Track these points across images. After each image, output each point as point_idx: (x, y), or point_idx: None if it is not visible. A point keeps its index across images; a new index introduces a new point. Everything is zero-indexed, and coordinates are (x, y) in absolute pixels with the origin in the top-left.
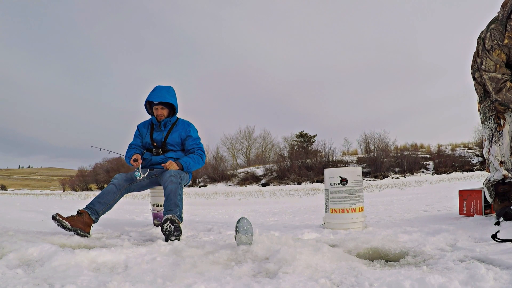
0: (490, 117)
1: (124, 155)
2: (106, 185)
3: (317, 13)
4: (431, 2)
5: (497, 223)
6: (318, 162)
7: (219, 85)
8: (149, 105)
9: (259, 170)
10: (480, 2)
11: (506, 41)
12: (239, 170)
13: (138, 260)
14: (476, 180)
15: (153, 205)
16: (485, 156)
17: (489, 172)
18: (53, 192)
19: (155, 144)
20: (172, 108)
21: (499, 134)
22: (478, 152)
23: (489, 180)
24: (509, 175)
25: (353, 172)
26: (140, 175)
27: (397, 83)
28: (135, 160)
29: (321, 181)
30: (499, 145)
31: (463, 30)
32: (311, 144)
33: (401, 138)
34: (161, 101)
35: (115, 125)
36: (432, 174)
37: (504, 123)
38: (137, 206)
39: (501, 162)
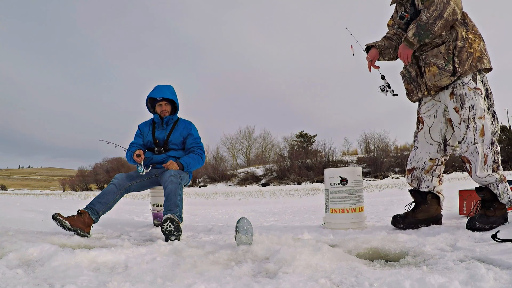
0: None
1: (127, 149)
2: (106, 185)
3: (317, 13)
4: None
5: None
6: (318, 162)
7: (219, 85)
8: (151, 104)
9: (259, 170)
10: (479, 3)
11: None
12: (239, 170)
13: (138, 260)
14: None
15: (153, 205)
16: None
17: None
18: (53, 192)
19: (157, 141)
20: (174, 107)
21: (415, 138)
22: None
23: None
24: (414, 185)
25: (353, 172)
26: (143, 170)
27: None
28: (138, 156)
29: (321, 181)
30: (414, 149)
31: None
32: (311, 144)
33: (401, 138)
34: (164, 98)
35: (116, 126)
36: None
37: (421, 127)
38: (137, 206)
39: (409, 170)
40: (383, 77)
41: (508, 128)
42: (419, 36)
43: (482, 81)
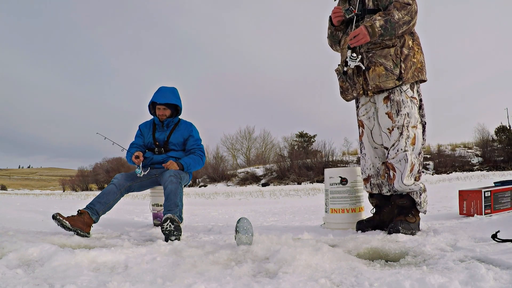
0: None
1: (127, 149)
2: (106, 185)
3: (317, 13)
4: (428, 3)
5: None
6: (318, 162)
7: (219, 85)
8: (152, 105)
9: (259, 170)
10: (479, 3)
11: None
12: (239, 170)
13: (138, 260)
14: (476, 180)
15: (153, 205)
16: None
17: None
18: (53, 192)
19: (157, 143)
20: (175, 109)
21: (361, 144)
22: (478, 152)
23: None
24: (375, 192)
25: (353, 172)
26: (141, 172)
27: None
28: (137, 157)
29: (321, 181)
30: (363, 156)
31: (461, 31)
32: (311, 144)
33: None
34: (166, 102)
35: (116, 125)
36: (432, 174)
37: (362, 131)
38: (137, 206)
39: (365, 179)
40: (349, 47)
41: (508, 128)
42: (384, 31)
43: (417, 91)
